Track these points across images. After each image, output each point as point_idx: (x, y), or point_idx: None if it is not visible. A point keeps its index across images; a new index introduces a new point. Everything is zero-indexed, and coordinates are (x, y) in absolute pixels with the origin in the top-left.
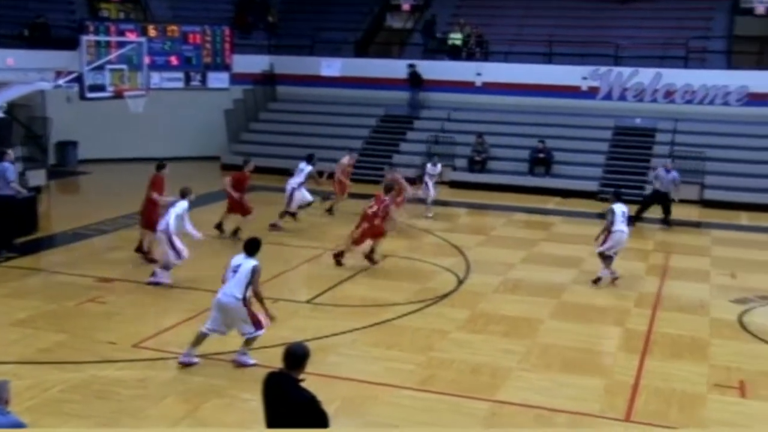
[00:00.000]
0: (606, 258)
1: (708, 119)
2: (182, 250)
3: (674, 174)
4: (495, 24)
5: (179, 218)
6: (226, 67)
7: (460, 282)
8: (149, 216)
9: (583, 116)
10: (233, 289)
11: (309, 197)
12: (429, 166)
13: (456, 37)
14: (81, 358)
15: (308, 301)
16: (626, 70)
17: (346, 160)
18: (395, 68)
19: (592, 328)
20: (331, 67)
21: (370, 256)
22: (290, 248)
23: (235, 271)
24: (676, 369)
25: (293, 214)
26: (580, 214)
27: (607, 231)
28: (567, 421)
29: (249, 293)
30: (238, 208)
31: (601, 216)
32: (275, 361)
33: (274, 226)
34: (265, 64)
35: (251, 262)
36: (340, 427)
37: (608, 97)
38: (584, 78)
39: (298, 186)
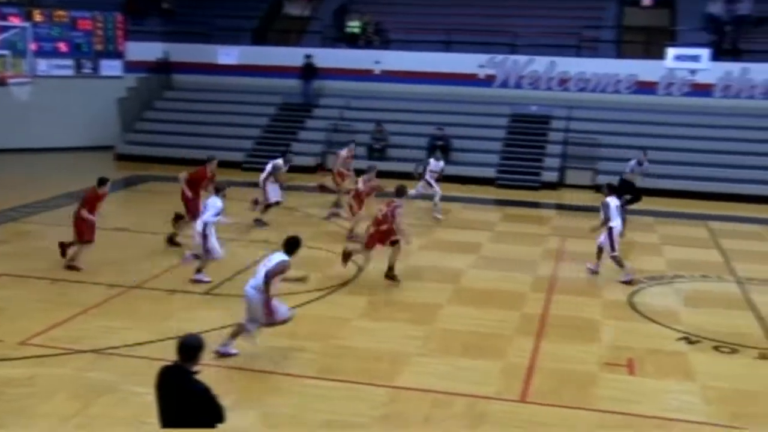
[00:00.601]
0: (600, 252)
1: (600, 107)
2: (215, 249)
3: (646, 164)
4: (393, 12)
5: (216, 215)
6: (118, 55)
7: (360, 270)
8: (80, 229)
9: (481, 104)
10: (258, 280)
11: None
12: (432, 162)
13: (354, 25)
14: None
15: (206, 293)
16: (522, 59)
17: (344, 152)
18: (293, 56)
19: (489, 313)
20: (229, 55)
21: (389, 275)
22: (189, 239)
23: (265, 266)
24: (570, 350)
25: (255, 201)
26: (479, 200)
27: (607, 227)
28: (464, 404)
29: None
30: (191, 208)
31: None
32: (170, 353)
33: (258, 221)
34: (160, 51)
35: (280, 257)
36: (237, 419)
37: (505, 84)
38: (481, 66)
39: (268, 176)
